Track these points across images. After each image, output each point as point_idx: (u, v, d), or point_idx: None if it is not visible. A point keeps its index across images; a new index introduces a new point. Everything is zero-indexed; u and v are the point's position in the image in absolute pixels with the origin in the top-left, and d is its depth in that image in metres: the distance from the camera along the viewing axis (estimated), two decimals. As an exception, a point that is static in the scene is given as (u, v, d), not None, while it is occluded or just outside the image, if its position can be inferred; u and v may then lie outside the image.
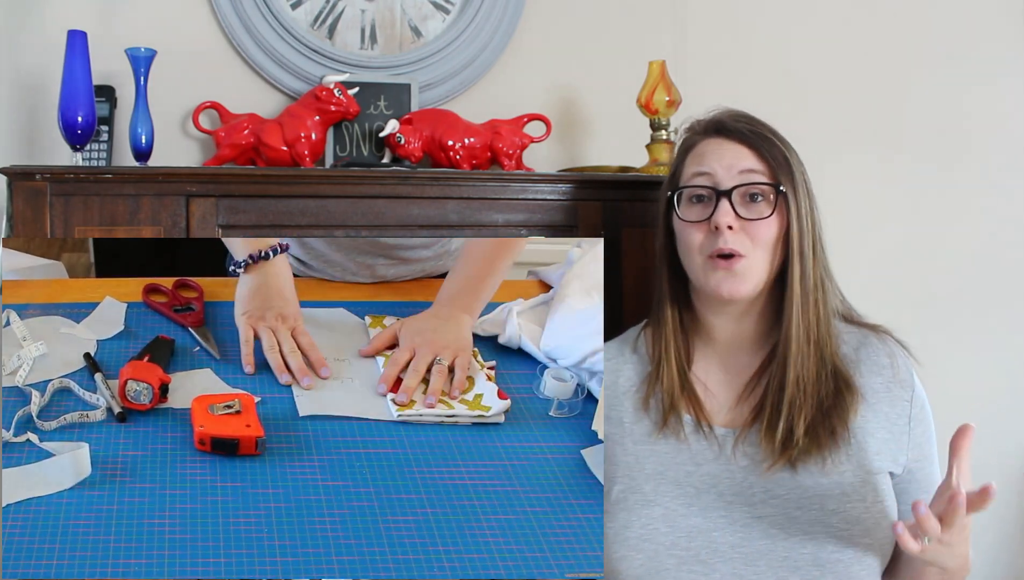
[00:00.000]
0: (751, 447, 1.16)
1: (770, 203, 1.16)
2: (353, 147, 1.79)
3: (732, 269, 1.14)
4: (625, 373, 1.26)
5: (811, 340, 1.16)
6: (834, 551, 1.09)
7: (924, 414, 1.20)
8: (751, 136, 1.19)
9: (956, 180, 2.19)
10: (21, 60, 1.73)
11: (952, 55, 2.19)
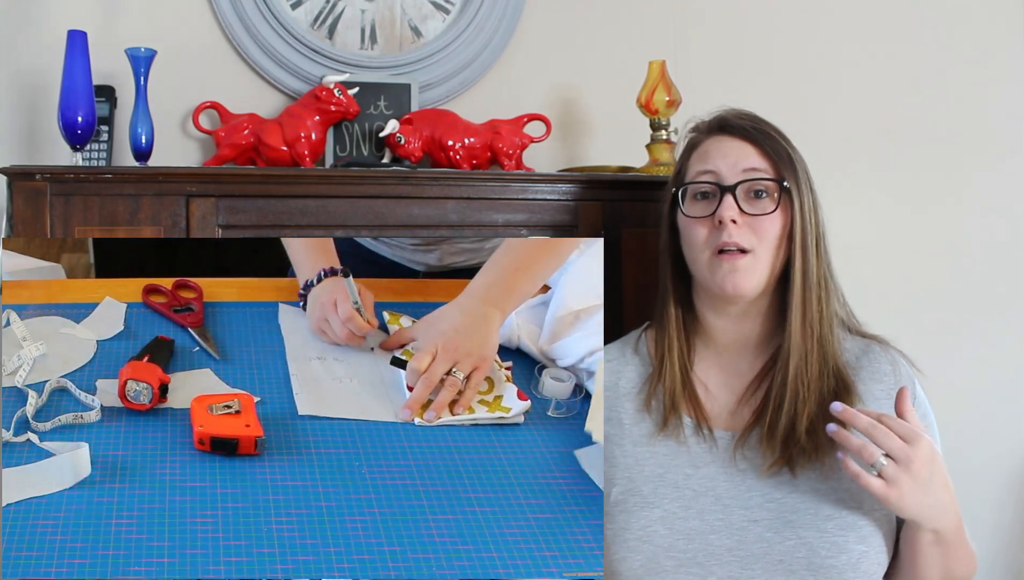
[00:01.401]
0: (750, 451, 1.16)
1: (774, 199, 1.17)
2: (353, 147, 1.79)
3: (736, 265, 1.14)
4: (626, 374, 1.26)
5: (813, 336, 1.16)
6: (828, 556, 1.09)
7: (926, 423, 1.19)
8: (755, 133, 1.20)
9: (958, 180, 2.19)
10: (21, 60, 1.73)
11: (955, 56, 2.19)
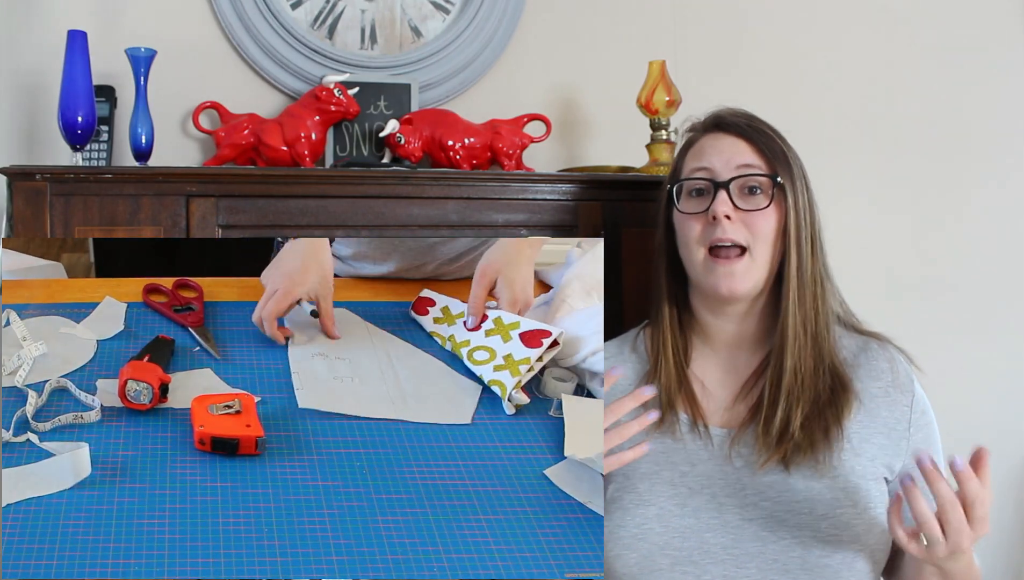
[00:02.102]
0: (745, 448, 1.16)
1: (768, 195, 1.17)
2: (353, 147, 1.79)
3: (733, 269, 1.15)
4: (624, 372, 1.26)
5: (808, 333, 1.16)
6: (822, 556, 1.09)
7: (925, 421, 1.19)
8: (749, 130, 1.20)
9: (956, 180, 2.19)
10: (21, 60, 1.73)
11: (952, 54, 2.19)
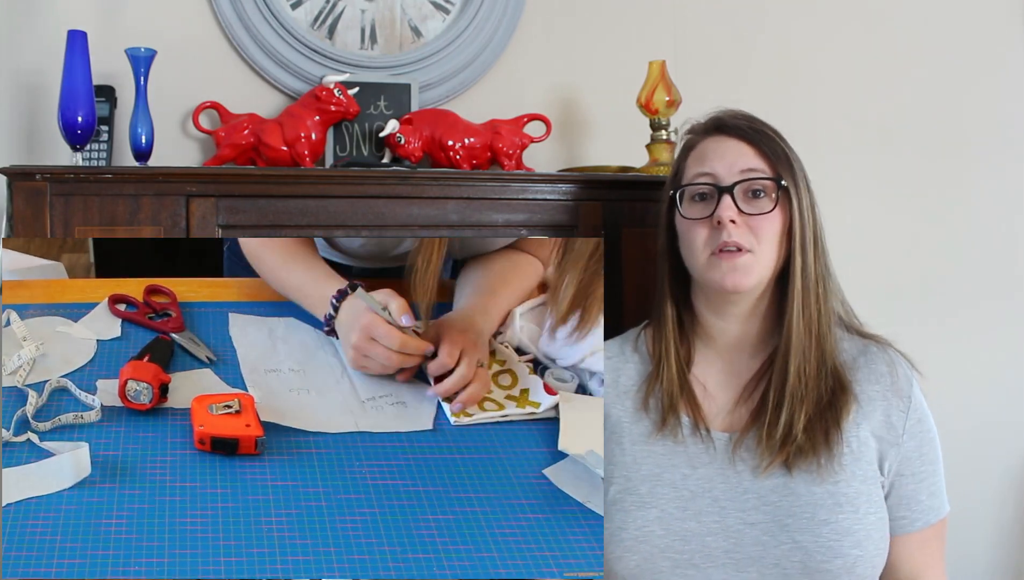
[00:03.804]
0: (747, 452, 1.16)
1: (772, 198, 1.17)
2: (353, 147, 1.79)
3: (736, 263, 1.14)
4: (626, 372, 1.26)
5: (812, 334, 1.16)
6: (823, 561, 1.09)
7: (920, 429, 1.18)
8: (751, 133, 1.20)
9: (958, 179, 2.19)
10: (21, 60, 1.73)
11: (951, 54, 2.19)
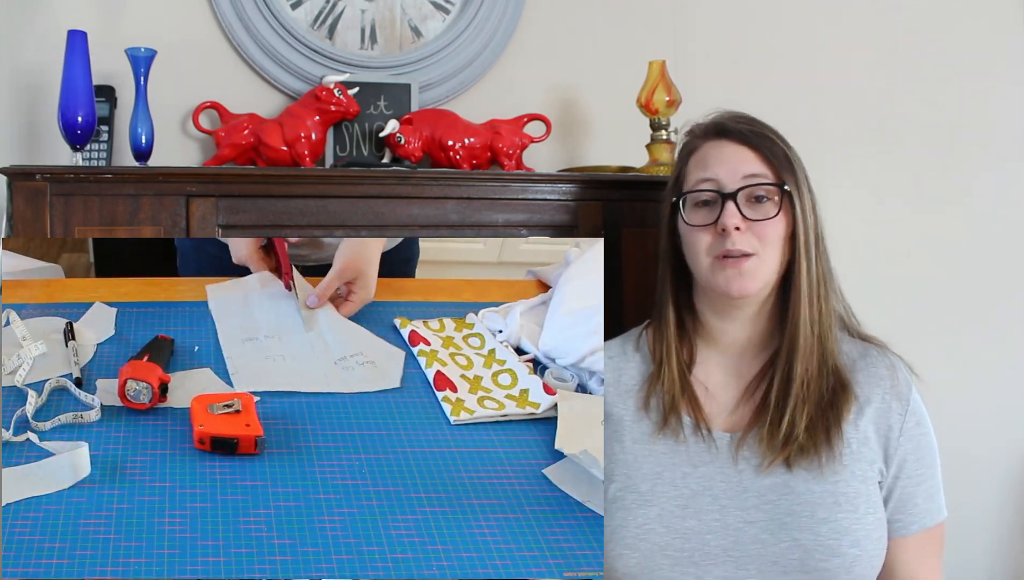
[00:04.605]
0: (748, 451, 1.16)
1: (775, 203, 1.16)
2: (353, 147, 1.79)
3: (740, 268, 1.14)
4: (628, 372, 1.26)
5: (815, 335, 1.17)
6: (822, 559, 1.09)
7: (918, 432, 1.18)
8: (753, 137, 1.19)
9: (958, 180, 2.19)
10: (21, 60, 1.73)
11: (955, 56, 2.19)
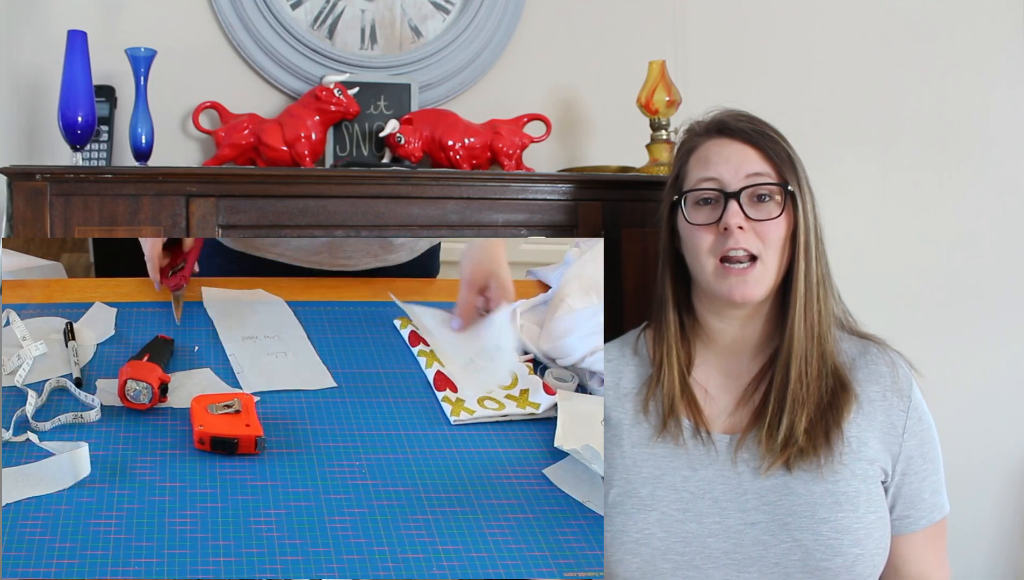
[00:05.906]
0: (747, 453, 1.16)
1: (778, 203, 1.16)
2: (353, 147, 1.79)
3: (745, 276, 1.14)
4: (627, 375, 1.26)
5: (814, 336, 1.16)
6: (823, 559, 1.09)
7: (921, 428, 1.18)
8: (755, 136, 1.19)
9: (957, 180, 2.19)
10: (21, 60, 1.73)
11: (954, 55, 2.19)
